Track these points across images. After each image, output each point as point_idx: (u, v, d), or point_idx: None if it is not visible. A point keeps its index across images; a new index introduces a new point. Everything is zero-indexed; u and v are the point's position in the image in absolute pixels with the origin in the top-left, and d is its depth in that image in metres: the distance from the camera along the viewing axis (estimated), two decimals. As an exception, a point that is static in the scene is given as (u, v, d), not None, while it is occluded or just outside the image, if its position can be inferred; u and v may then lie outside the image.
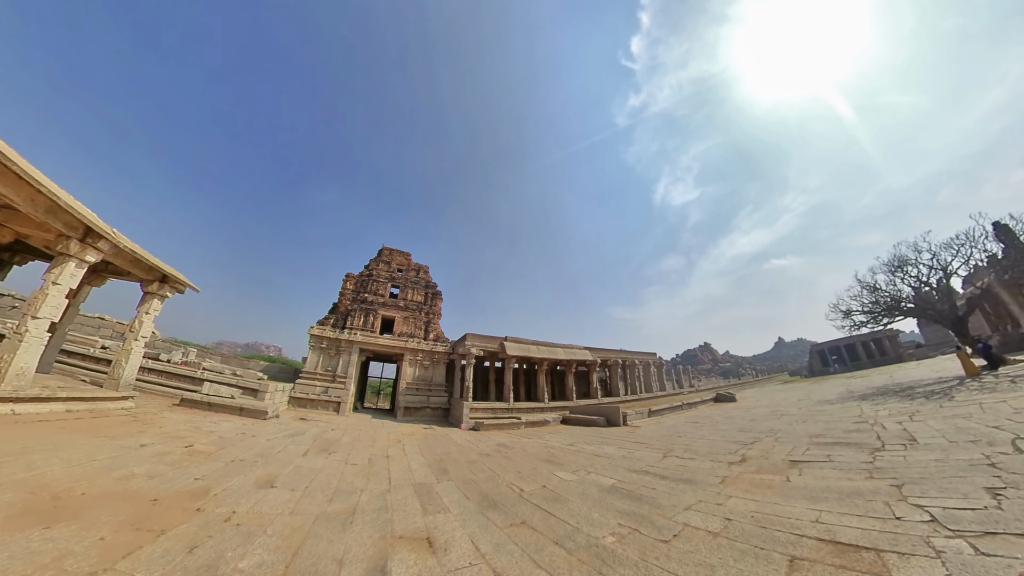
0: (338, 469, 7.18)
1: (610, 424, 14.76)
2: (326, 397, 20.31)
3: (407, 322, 23.60)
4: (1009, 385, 11.10)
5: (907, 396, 12.64)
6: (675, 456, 7.91)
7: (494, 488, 6.27)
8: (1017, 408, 8.13)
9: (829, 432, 8.61)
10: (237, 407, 13.24)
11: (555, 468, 7.62)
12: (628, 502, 5.10)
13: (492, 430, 15.00)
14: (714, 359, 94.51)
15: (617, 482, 6.18)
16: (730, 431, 10.80)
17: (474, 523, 4.65)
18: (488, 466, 8.10)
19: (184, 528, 3.68)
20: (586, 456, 8.81)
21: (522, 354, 19.41)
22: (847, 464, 6.01)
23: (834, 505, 4.39)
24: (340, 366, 21.51)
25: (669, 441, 10.09)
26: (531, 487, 6.21)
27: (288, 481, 5.82)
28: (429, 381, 21.79)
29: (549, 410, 18.76)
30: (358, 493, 5.72)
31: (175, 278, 12.63)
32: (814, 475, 5.60)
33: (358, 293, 24.84)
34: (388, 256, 27.74)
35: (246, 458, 6.85)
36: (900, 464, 5.70)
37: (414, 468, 7.92)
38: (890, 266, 19.92)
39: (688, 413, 17.85)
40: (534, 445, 10.91)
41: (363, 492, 5.80)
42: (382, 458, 8.86)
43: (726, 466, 6.60)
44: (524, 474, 7.20)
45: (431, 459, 9.04)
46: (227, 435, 8.75)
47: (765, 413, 14.20)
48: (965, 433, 6.87)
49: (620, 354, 26.15)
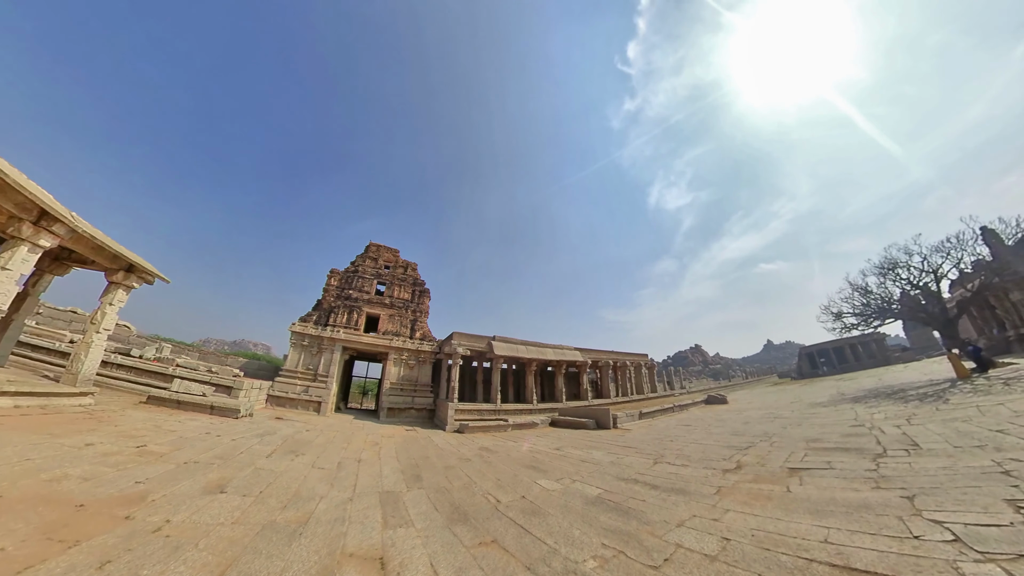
0: (302, 473, 6.67)
1: (600, 427, 14.28)
2: (306, 396, 19.52)
3: (392, 320, 22.86)
4: (1003, 388, 10.89)
5: (900, 399, 12.40)
6: (666, 462, 7.42)
7: (468, 498, 5.70)
8: (1017, 411, 7.84)
9: (826, 436, 8.22)
10: (208, 405, 12.66)
11: (538, 475, 7.07)
12: (614, 516, 4.58)
13: (477, 433, 14.41)
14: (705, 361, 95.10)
15: (604, 492, 5.65)
16: (723, 435, 10.37)
17: (438, 540, 4.10)
18: (466, 473, 7.52)
19: (103, 539, 3.29)
20: (572, 462, 8.28)
21: (510, 354, 18.83)
22: (850, 472, 5.58)
23: (842, 521, 3.92)
24: (322, 364, 20.72)
25: (660, 445, 9.62)
26: (509, 498, 5.65)
27: (242, 485, 5.38)
28: (415, 381, 21.08)
29: (538, 412, 18.21)
30: (317, 500, 5.23)
31: (142, 268, 11.82)
32: (816, 485, 5.15)
33: (342, 290, 24.04)
34: (375, 252, 26.98)
35: (202, 460, 6.40)
36: (907, 472, 5.28)
37: (385, 474, 7.37)
38: (881, 269, 19.86)
39: (679, 415, 17.47)
40: (519, 449, 10.35)
41: (323, 500, 5.31)
42: (353, 462, 8.29)
43: (721, 474, 6.12)
44: (504, 482, 6.63)
45: (406, 464, 8.44)
46: (189, 435, 8.29)
47: (758, 416, 13.85)
48: (968, 437, 6.52)
49: (611, 355, 25.74)
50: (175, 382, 15.32)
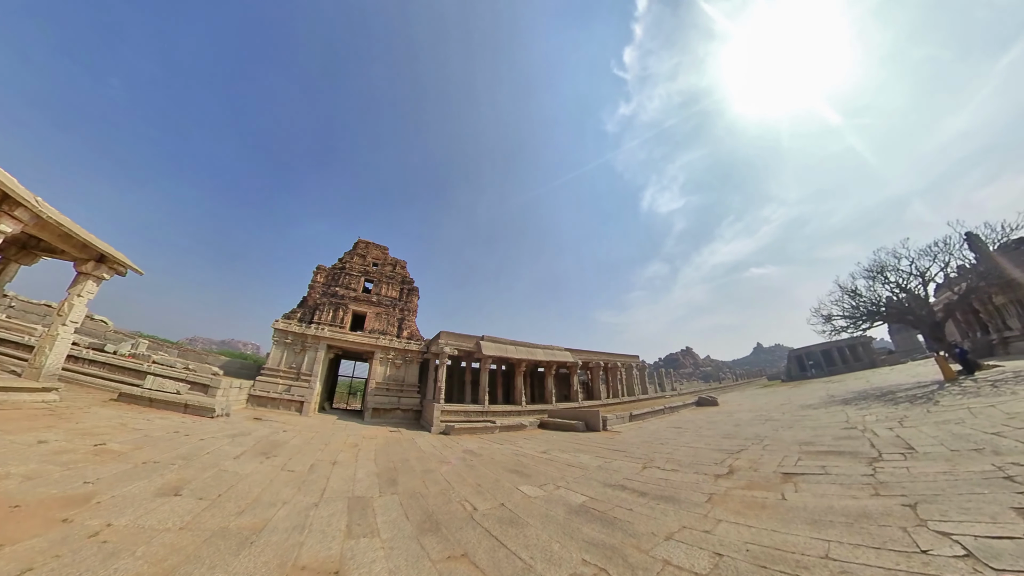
0: (269, 476, 6.31)
1: (589, 429, 13.95)
2: (288, 396, 18.90)
3: (379, 318, 22.28)
4: (991, 390, 10.84)
5: (890, 401, 12.31)
6: (656, 467, 7.09)
7: (443, 505, 5.30)
8: (1010, 413, 7.71)
9: (819, 439, 7.99)
10: (182, 403, 12.22)
11: (521, 481, 6.69)
12: (599, 528, 4.21)
13: (463, 434, 13.97)
14: (695, 363, 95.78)
15: (589, 500, 5.29)
16: (714, 438, 10.11)
17: (403, 553, 3.72)
18: (446, 477, 7.11)
19: (32, 543, 3.08)
20: (558, 466, 7.91)
21: (499, 354, 18.42)
22: (846, 477, 5.30)
23: (843, 533, 3.61)
24: (305, 363, 20.09)
25: (650, 449, 9.31)
26: (487, 505, 5.26)
27: (200, 488, 5.09)
28: (401, 381, 20.54)
29: (527, 413, 17.83)
30: (279, 506, 4.87)
31: (114, 258, 11.23)
32: (812, 491, 4.86)
33: (329, 287, 23.41)
34: (364, 249, 26.38)
35: (163, 460, 6.13)
36: (905, 477, 5.02)
37: (359, 477, 6.97)
38: (870, 272, 19.93)
39: (670, 418, 17.25)
40: (504, 452, 9.95)
41: (285, 505, 4.95)
42: (327, 464, 7.89)
43: (712, 479, 5.81)
44: (484, 488, 6.24)
45: (383, 467, 8.01)
46: (155, 433, 7.97)
47: (749, 418, 13.66)
48: (965, 440, 6.32)
49: (602, 356, 25.48)
50: (148, 379, 14.75)
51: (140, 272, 12.94)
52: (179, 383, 15.32)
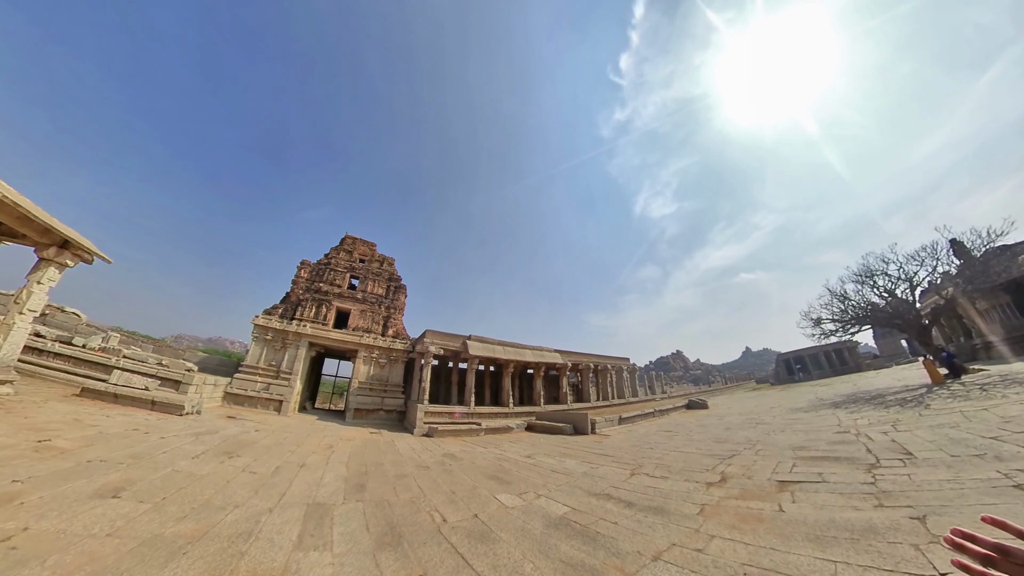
0: (227, 477, 5.89)
1: (577, 432, 13.53)
2: (267, 395, 18.14)
3: (364, 316, 21.58)
4: (980, 393, 10.72)
5: (880, 404, 12.15)
6: (645, 473, 6.67)
7: (410, 516, 4.81)
8: (1005, 417, 7.50)
9: (812, 444, 7.68)
10: (149, 400, 11.77)
11: (500, 488, 6.21)
12: (579, 545, 3.76)
13: (447, 437, 13.43)
14: (685, 366, 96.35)
15: (570, 511, 4.83)
16: (705, 442, 9.76)
17: (354, 570, 3.29)
18: (419, 483, 6.60)
19: None
20: (542, 472, 7.44)
21: (486, 354, 17.91)
22: (845, 485, 4.95)
23: (849, 551, 3.22)
24: (285, 361, 19.33)
25: (639, 453, 8.90)
26: (458, 516, 4.77)
27: (145, 490, 4.74)
28: (385, 381, 19.87)
29: (514, 416, 17.33)
30: (229, 510, 4.47)
31: (78, 244, 10.55)
32: (811, 502, 4.48)
33: (312, 282, 22.65)
34: (351, 245, 25.65)
35: (111, 459, 5.78)
36: (908, 486, 4.68)
37: (325, 482, 6.48)
38: (859, 276, 19.98)
39: (660, 421, 16.94)
40: (486, 456, 9.45)
41: (236, 509, 4.55)
42: (294, 467, 7.38)
43: (704, 488, 5.40)
44: (458, 496, 5.74)
45: (354, 470, 7.48)
46: (111, 430, 7.60)
47: (739, 421, 13.39)
48: (963, 445, 6.04)
49: (592, 358, 25.13)
50: (114, 374, 14.00)
51: (108, 260, 12.34)
52: (148, 379, 14.65)
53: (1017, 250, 21.60)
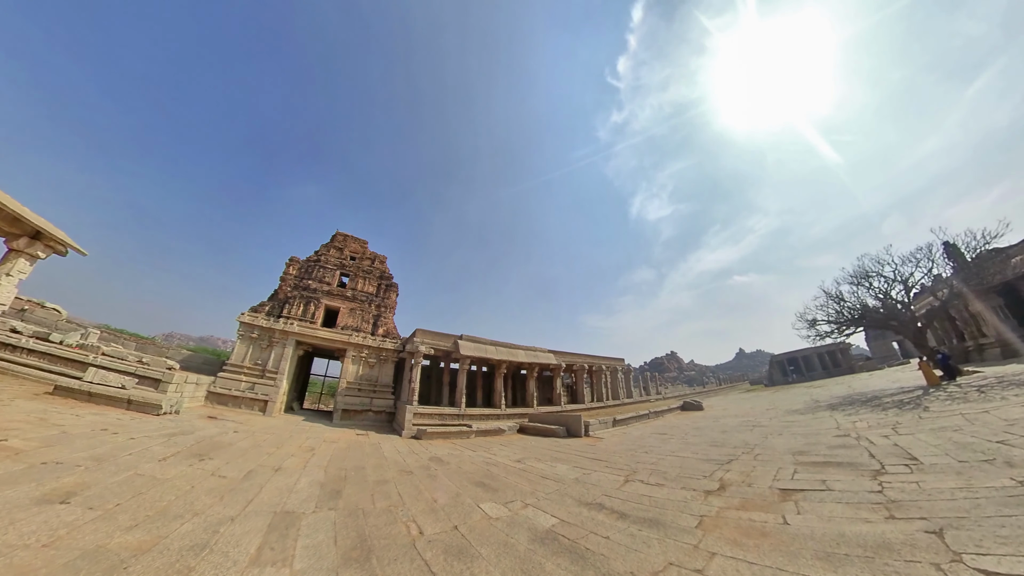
0: (193, 482, 5.58)
1: (570, 435, 13.19)
2: (251, 394, 17.59)
3: (353, 314, 21.06)
4: (979, 395, 10.55)
5: (877, 406, 11.96)
6: (639, 480, 6.33)
7: (385, 527, 4.42)
8: (1008, 419, 7.28)
9: (812, 448, 7.40)
10: (125, 399, 11.27)
11: (485, 496, 5.84)
12: (566, 563, 3.40)
13: (436, 439, 13.02)
14: (680, 367, 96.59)
15: (559, 523, 4.47)
16: (701, 445, 9.46)
17: None
18: (400, 490, 6.21)
19: None
20: (531, 478, 7.08)
21: (478, 355, 17.51)
22: (851, 494, 4.65)
23: (864, 571, 2.90)
24: (272, 360, 18.79)
25: (633, 458, 8.57)
26: (437, 528, 4.40)
27: (98, 494, 4.44)
28: (374, 381, 19.37)
29: (506, 417, 16.96)
30: (187, 518, 4.14)
31: (51, 235, 10.08)
32: (816, 513, 4.16)
33: (301, 280, 22.11)
34: (341, 242, 25.13)
35: (69, 460, 5.47)
36: (918, 495, 4.39)
37: (299, 487, 6.09)
38: (855, 278, 19.89)
39: (655, 423, 16.65)
40: (474, 461, 9.07)
41: (196, 517, 4.21)
42: (268, 470, 6.98)
43: (702, 497, 5.07)
44: (439, 505, 5.36)
45: (333, 475, 7.08)
46: (76, 430, 7.28)
47: (735, 424, 13.14)
48: (970, 450, 5.78)
49: (586, 359, 24.83)
50: (89, 371, 13.47)
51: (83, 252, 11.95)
52: (125, 377, 14.14)
53: (1010, 253, 21.64)
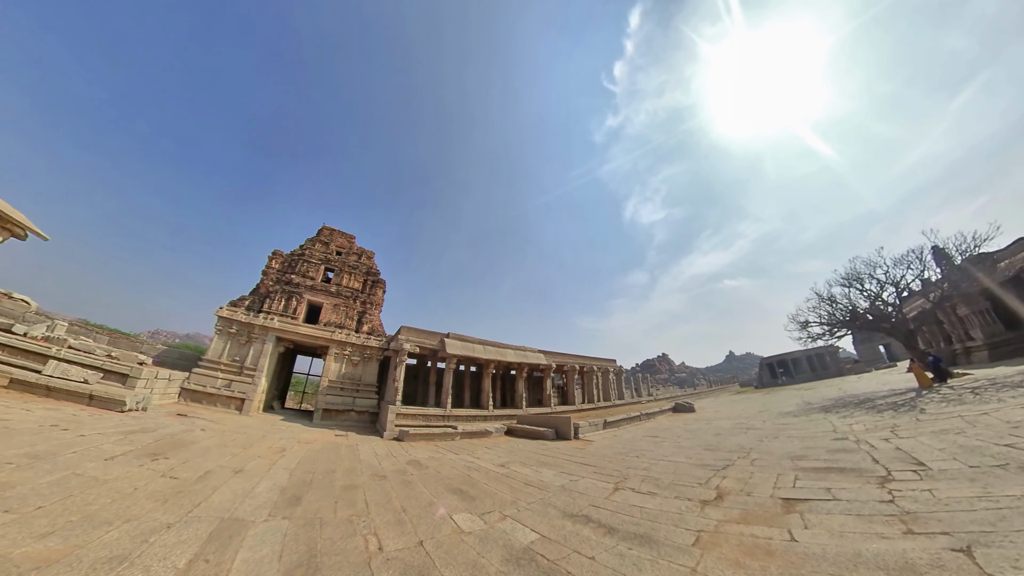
0: (137, 483, 5.09)
1: (560, 437, 12.70)
2: (228, 392, 16.80)
3: (337, 310, 20.32)
4: (974, 397, 10.34)
5: (871, 408, 11.71)
6: (630, 488, 5.84)
7: (341, 540, 3.88)
8: (1010, 422, 6.98)
9: (811, 453, 7.01)
10: (86, 394, 10.78)
11: (461, 505, 5.30)
12: (541, 591, 2.89)
13: (419, 441, 12.43)
14: (671, 369, 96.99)
15: (539, 539, 3.96)
16: (695, 449, 9.03)
17: None
18: (368, 497, 5.65)
19: None
20: (514, 485, 6.56)
21: (465, 353, 16.94)
22: (861, 505, 4.22)
23: (893, 603, 2.44)
24: (251, 356, 17.99)
25: (624, 463, 8.09)
26: (399, 543, 3.87)
27: (22, 496, 4.06)
28: (357, 380, 18.65)
29: (493, 419, 16.40)
30: (116, 525, 3.66)
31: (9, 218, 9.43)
32: (826, 527, 3.72)
33: (284, 274, 21.31)
34: (327, 237, 24.37)
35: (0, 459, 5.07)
36: (934, 504, 3.98)
37: (257, 492, 5.55)
38: (847, 280, 19.81)
39: (647, 425, 16.26)
40: (456, 464, 8.51)
41: (127, 523, 3.73)
42: (228, 472, 6.42)
43: (698, 508, 4.60)
44: (408, 515, 4.81)
45: (298, 479, 6.51)
46: (21, 426, 6.89)
47: (729, 426, 12.78)
48: (978, 454, 5.43)
49: (577, 359, 24.39)
50: (50, 364, 12.65)
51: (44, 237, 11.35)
52: (89, 371, 13.34)
53: (997, 257, 21.82)
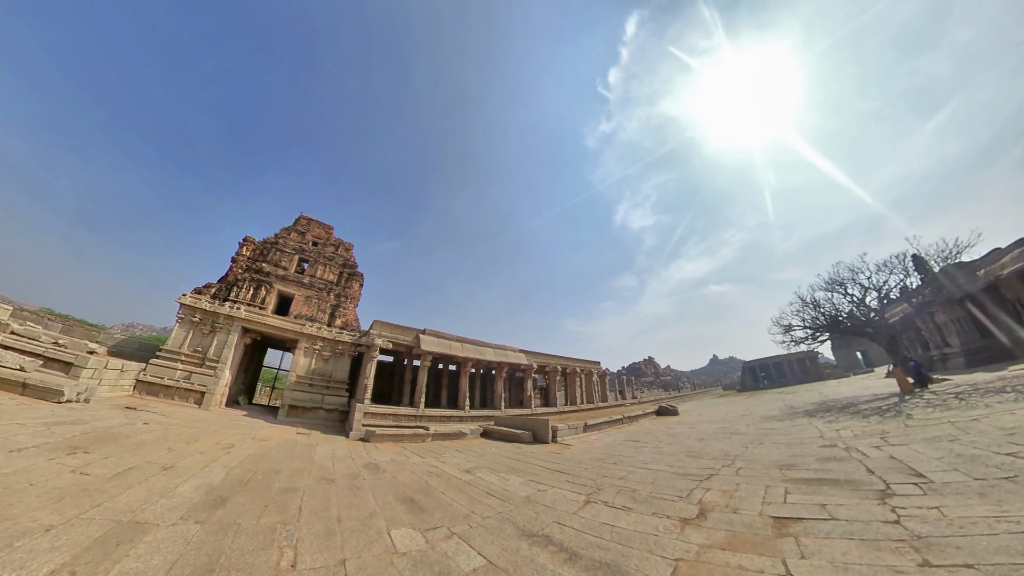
0: (35, 479, 4.48)
1: (537, 440, 12.02)
2: (187, 384, 15.64)
3: (309, 303, 19.22)
4: (959, 403, 10.09)
5: (856, 413, 11.40)
6: (602, 501, 5.15)
7: (251, 552, 3.21)
8: (1004, 428, 6.63)
9: (800, 461, 6.48)
10: (20, 383, 10.09)
11: (407, 517, 4.54)
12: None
13: (386, 442, 11.58)
14: (656, 372, 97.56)
15: (484, 566, 3.25)
16: (676, 455, 8.45)
17: None
18: (306, 503, 4.87)
19: None
20: (474, 495, 5.82)
21: (441, 351, 16.12)
22: (862, 525, 3.64)
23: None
24: (214, 347, 16.82)
25: (600, 470, 7.43)
26: (317, 561, 3.18)
27: None
28: (328, 376, 17.61)
29: (470, 420, 15.62)
30: None
31: None
32: (826, 556, 3.10)
33: (255, 261, 20.10)
34: (304, 226, 23.21)
35: None
36: (946, 527, 3.42)
37: (179, 491, 4.81)
38: (831, 285, 19.77)
39: (629, 428, 15.74)
40: (417, 469, 7.73)
41: None
42: (155, 469, 5.62)
43: (678, 528, 3.95)
44: (343, 526, 4.04)
45: (234, 479, 5.74)
46: None
47: (712, 431, 12.31)
48: (980, 464, 4.95)
49: (560, 360, 23.79)
50: None
51: None
52: (28, 357, 12.19)
53: (974, 266, 22.17)
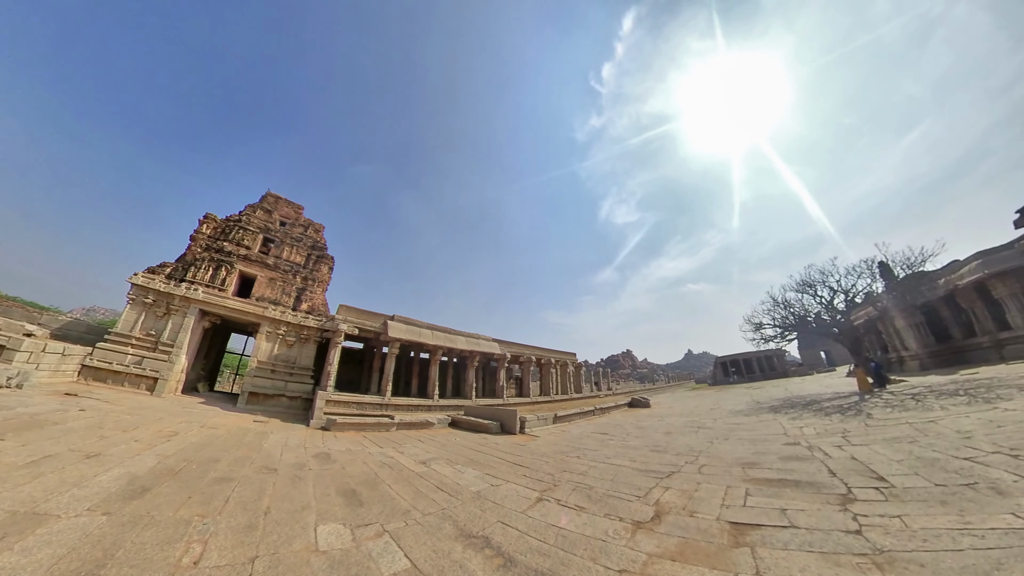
0: None
1: (504, 431, 11.71)
2: (138, 370, 14.54)
3: (273, 285, 18.13)
4: (916, 404, 10.34)
5: (819, 411, 11.61)
6: (555, 498, 4.81)
7: (154, 546, 2.88)
8: (960, 431, 6.68)
9: (763, 459, 6.35)
10: None
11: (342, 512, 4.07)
12: None
13: (348, 431, 11.02)
14: (633, 365, 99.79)
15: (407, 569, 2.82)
16: (641, 450, 8.26)
17: None
18: (236, 494, 4.37)
19: None
20: (422, 488, 5.38)
21: (410, 338, 15.51)
22: (823, 535, 3.40)
23: None
24: (168, 331, 15.64)
25: (561, 464, 7.13)
26: (226, 558, 2.80)
27: None
28: (291, 362, 16.74)
29: (439, 409, 15.19)
30: None
31: None
32: (783, 570, 2.82)
33: (215, 240, 18.72)
34: (272, 204, 21.79)
35: None
36: (909, 539, 3.21)
37: (97, 481, 4.32)
38: (802, 286, 20.22)
39: (599, 420, 15.68)
40: (370, 460, 7.23)
41: None
42: (78, 457, 5.04)
43: (629, 532, 3.62)
44: (268, 520, 3.55)
45: (164, 468, 5.19)
46: None
47: (680, 424, 12.32)
48: (940, 468, 4.87)
49: (535, 351, 23.57)
50: None
51: None
52: None
53: (934, 276, 23.17)
